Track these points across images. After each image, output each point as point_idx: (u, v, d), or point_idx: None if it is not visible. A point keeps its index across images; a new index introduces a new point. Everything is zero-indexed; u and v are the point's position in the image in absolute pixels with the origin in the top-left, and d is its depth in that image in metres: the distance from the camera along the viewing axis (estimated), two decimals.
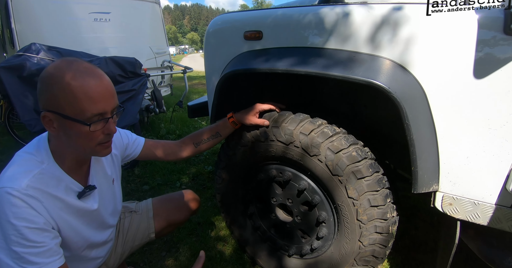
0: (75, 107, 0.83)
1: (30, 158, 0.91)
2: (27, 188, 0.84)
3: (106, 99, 0.87)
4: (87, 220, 1.05)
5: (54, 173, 0.92)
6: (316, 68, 1.08)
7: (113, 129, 0.92)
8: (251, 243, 1.63)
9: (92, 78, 0.85)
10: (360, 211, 1.13)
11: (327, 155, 1.13)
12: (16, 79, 2.77)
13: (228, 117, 1.37)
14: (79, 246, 1.04)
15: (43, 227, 0.86)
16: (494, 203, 1.04)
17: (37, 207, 0.85)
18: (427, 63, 0.99)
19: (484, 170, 1.02)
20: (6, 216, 0.80)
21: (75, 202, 0.98)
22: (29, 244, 0.82)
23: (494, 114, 0.96)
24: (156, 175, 2.84)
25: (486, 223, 1.07)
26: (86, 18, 4.43)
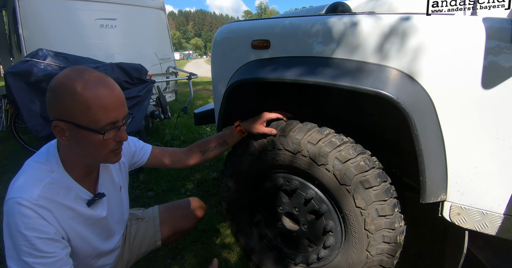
0: (89, 117, 0.84)
1: (40, 167, 0.91)
2: (38, 198, 0.84)
3: (118, 108, 0.88)
4: (96, 228, 1.05)
5: (64, 181, 0.93)
6: (325, 78, 1.08)
7: (125, 136, 0.93)
8: (257, 251, 1.62)
9: (104, 88, 0.86)
10: (368, 220, 1.13)
11: (335, 164, 1.13)
12: (23, 84, 2.79)
13: (235, 126, 1.37)
14: (87, 255, 1.04)
15: (54, 237, 0.86)
16: (502, 213, 1.03)
17: (48, 217, 0.86)
18: (435, 73, 0.99)
19: (492, 180, 1.01)
20: (17, 227, 0.81)
21: (84, 210, 0.99)
22: (40, 255, 0.83)
23: (502, 124, 0.95)
24: (161, 181, 2.85)
25: (495, 233, 1.06)
26: (92, 25, 4.48)
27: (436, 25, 0.98)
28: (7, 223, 0.83)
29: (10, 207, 0.82)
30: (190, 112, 5.12)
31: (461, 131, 1.01)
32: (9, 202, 0.83)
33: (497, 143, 0.98)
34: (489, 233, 1.07)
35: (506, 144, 0.97)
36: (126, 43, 4.81)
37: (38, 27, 4.14)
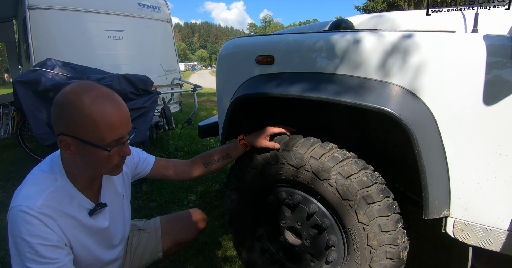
0: (95, 134, 0.85)
1: (44, 176, 0.94)
2: (41, 206, 0.86)
3: (124, 125, 0.90)
4: (97, 238, 1.06)
5: (67, 190, 0.95)
6: (328, 94, 1.10)
7: (128, 151, 0.96)
8: (259, 265, 1.61)
9: (111, 105, 0.87)
10: (371, 236, 1.13)
11: (338, 179, 1.13)
12: (31, 93, 2.83)
13: (239, 140, 1.39)
14: (88, 264, 1.04)
15: (57, 244, 0.88)
16: (506, 229, 1.02)
17: (51, 225, 0.87)
18: (437, 90, 1.00)
19: (495, 196, 1.02)
20: (21, 234, 0.82)
21: (87, 219, 1.00)
22: (44, 261, 0.84)
23: (504, 141, 0.96)
24: (163, 192, 2.85)
25: (499, 250, 1.05)
26: (100, 36, 4.56)
27: (438, 42, 1.00)
28: (12, 230, 0.85)
29: (15, 214, 0.84)
30: (194, 124, 5.16)
31: (464, 148, 1.02)
32: (13, 210, 0.85)
33: (500, 158, 0.98)
34: (493, 249, 1.06)
35: (509, 160, 0.97)
36: (132, 54, 4.89)
37: (47, 37, 4.23)
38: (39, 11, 4.14)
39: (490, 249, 1.06)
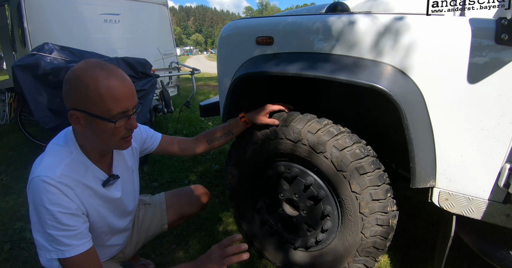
0: (102, 107, 0.91)
1: (60, 149, 1.00)
2: (60, 176, 0.93)
3: (129, 98, 0.95)
4: (111, 207, 1.14)
5: (82, 162, 1.02)
6: (324, 72, 1.17)
7: (135, 124, 1.00)
8: (259, 237, 1.72)
9: (116, 79, 0.92)
10: (363, 204, 1.22)
11: (333, 152, 1.22)
12: (31, 77, 2.85)
13: (240, 117, 1.47)
14: (102, 231, 1.13)
15: (75, 213, 0.94)
16: (487, 199, 1.11)
17: (70, 194, 0.94)
18: (425, 69, 1.08)
19: (477, 168, 1.10)
20: (42, 202, 0.89)
21: (101, 189, 1.08)
22: (63, 228, 0.91)
23: (486, 116, 1.04)
24: (164, 173, 2.94)
25: (480, 217, 1.14)
26: (96, 19, 4.53)
27: (427, 25, 1.07)
28: (33, 199, 0.91)
29: (36, 184, 0.91)
30: (193, 107, 5.21)
31: (449, 122, 1.09)
32: (34, 180, 0.91)
33: (482, 133, 1.06)
34: (474, 217, 1.15)
35: (490, 134, 1.05)
36: (129, 38, 4.87)
37: (42, 22, 4.19)
38: None
39: (472, 217, 1.16)
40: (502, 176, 1.06)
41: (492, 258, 1.19)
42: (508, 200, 1.08)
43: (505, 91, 0.99)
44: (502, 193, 1.08)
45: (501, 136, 1.03)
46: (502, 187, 1.06)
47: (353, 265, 1.39)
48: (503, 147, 1.04)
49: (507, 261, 1.17)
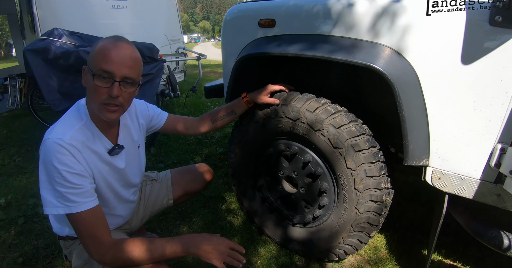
0: (93, 61, 1.00)
1: (72, 115, 1.10)
2: (70, 139, 1.01)
3: (118, 64, 0.99)
4: (115, 175, 1.22)
5: (91, 129, 1.10)
6: (322, 52, 1.22)
7: (115, 92, 1.00)
8: (259, 214, 1.80)
9: (114, 44, 1.01)
10: (357, 180, 1.28)
11: (329, 129, 1.28)
12: (41, 61, 2.92)
13: (242, 97, 1.52)
14: (108, 197, 1.21)
15: (81, 173, 1.02)
16: (479, 178, 1.14)
17: (77, 156, 1.02)
18: (420, 50, 1.11)
19: (470, 147, 1.13)
20: (52, 161, 0.97)
21: (107, 156, 1.16)
22: (70, 185, 0.99)
23: (479, 97, 1.07)
24: (170, 155, 3.03)
25: (472, 197, 1.18)
26: (104, 5, 4.57)
27: (423, 7, 1.09)
28: (44, 159, 0.99)
29: (47, 145, 0.99)
30: (199, 92, 5.27)
31: (443, 103, 1.13)
32: (46, 141, 1.00)
33: (474, 113, 1.10)
34: (466, 196, 1.19)
35: (482, 115, 1.08)
36: (136, 24, 4.90)
37: (52, 7, 4.25)
38: None
39: (464, 196, 1.19)
40: (493, 156, 1.09)
41: (482, 237, 1.24)
42: (499, 180, 1.11)
43: (498, 73, 1.02)
44: (494, 173, 1.11)
45: (493, 116, 1.06)
46: (493, 167, 1.09)
47: (348, 240, 1.45)
48: (495, 128, 1.07)
49: (497, 240, 1.21)
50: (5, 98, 6.13)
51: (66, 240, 1.26)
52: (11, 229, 2.01)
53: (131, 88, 1.06)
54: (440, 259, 1.74)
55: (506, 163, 1.05)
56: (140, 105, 1.39)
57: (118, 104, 1.05)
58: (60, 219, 1.22)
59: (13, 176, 2.78)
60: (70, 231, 1.21)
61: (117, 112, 1.07)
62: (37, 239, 1.91)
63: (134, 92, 1.09)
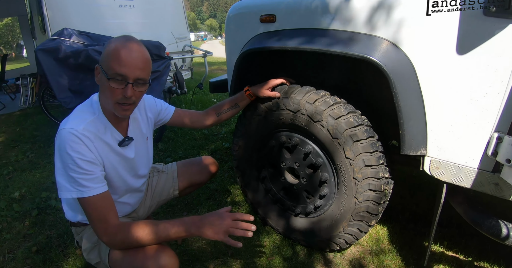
0: (107, 64, 1.06)
1: (86, 109, 1.18)
2: (83, 130, 1.09)
3: (131, 67, 1.06)
4: (125, 165, 1.29)
5: (102, 122, 1.17)
6: (320, 45, 1.26)
7: (129, 93, 1.08)
8: (263, 205, 1.85)
9: (127, 47, 1.07)
10: (356, 170, 1.32)
11: (328, 120, 1.32)
12: (52, 60, 3.02)
13: (245, 90, 1.57)
14: (118, 186, 1.28)
15: (92, 161, 1.10)
16: (476, 167, 1.16)
17: (89, 145, 1.10)
18: (416, 42, 1.14)
19: (467, 137, 1.15)
20: (66, 149, 1.05)
21: (117, 148, 1.23)
22: (82, 171, 1.07)
23: (475, 87, 1.08)
24: (178, 150, 3.11)
25: (470, 186, 1.19)
26: (112, 5, 4.66)
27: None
28: (59, 147, 1.07)
29: (62, 134, 1.07)
30: (205, 89, 5.33)
31: (439, 93, 1.15)
32: (61, 131, 1.08)
33: (471, 103, 1.11)
34: (464, 185, 1.20)
35: (478, 104, 1.10)
36: (143, 22, 4.98)
37: (61, 8, 4.36)
38: None
39: (462, 186, 1.21)
40: (490, 145, 1.10)
41: (481, 226, 1.26)
42: (497, 169, 1.12)
43: (493, 62, 1.03)
44: (491, 162, 1.12)
45: (489, 105, 1.07)
46: (490, 156, 1.10)
47: (348, 229, 1.49)
48: (491, 117, 1.08)
49: (495, 229, 1.23)
50: (17, 97, 6.32)
51: (77, 226, 1.34)
52: (26, 221, 2.10)
53: (143, 87, 1.13)
54: (442, 251, 1.76)
55: (502, 152, 1.06)
56: (149, 100, 1.46)
57: (131, 103, 1.13)
58: (72, 206, 1.29)
59: (27, 171, 2.88)
60: (82, 218, 1.29)
61: (130, 110, 1.16)
62: (50, 229, 2.00)
63: (145, 91, 1.17)
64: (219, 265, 1.65)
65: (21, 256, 1.77)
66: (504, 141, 1.06)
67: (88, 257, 1.30)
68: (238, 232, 1.09)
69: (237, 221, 1.11)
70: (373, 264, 1.65)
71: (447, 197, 1.36)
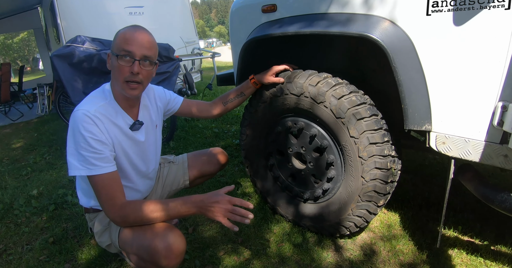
0: (115, 45, 1.16)
1: (98, 95, 1.25)
2: (95, 111, 1.16)
3: (137, 45, 1.15)
4: (134, 149, 1.34)
5: (114, 106, 1.24)
6: (319, 28, 1.30)
7: (136, 70, 1.16)
8: (272, 193, 1.87)
9: (133, 29, 1.17)
10: (361, 148, 1.33)
11: (331, 101, 1.34)
12: (67, 65, 3.15)
13: (250, 79, 1.61)
14: (126, 168, 1.33)
15: (102, 140, 1.16)
16: (483, 140, 1.14)
17: (100, 126, 1.17)
18: (412, 17, 1.16)
19: (471, 108, 1.14)
20: (79, 128, 1.12)
21: (128, 131, 1.29)
22: (92, 150, 1.13)
23: (476, 56, 1.07)
24: (189, 147, 3.16)
25: (478, 160, 1.17)
26: (122, 13, 4.82)
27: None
28: (72, 126, 1.14)
29: (76, 115, 1.14)
30: (215, 91, 5.41)
31: (439, 65, 1.15)
32: (76, 112, 1.15)
33: (472, 73, 1.10)
34: (472, 159, 1.18)
35: (480, 74, 1.09)
36: (153, 28, 5.01)
37: (74, 18, 4.55)
38: None
39: (470, 160, 1.19)
40: (495, 115, 1.08)
41: (492, 201, 1.23)
42: (505, 140, 1.10)
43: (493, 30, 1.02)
44: (498, 133, 1.10)
45: (491, 75, 1.06)
46: (496, 126, 1.09)
47: (357, 211, 1.49)
48: (494, 86, 1.07)
49: (507, 203, 1.20)
50: (34, 106, 6.56)
51: (90, 212, 1.39)
52: (43, 215, 2.19)
53: (149, 66, 1.21)
54: (457, 235, 1.74)
55: (508, 120, 1.04)
56: (158, 90, 1.53)
57: (138, 81, 1.19)
58: (86, 191, 1.35)
59: (44, 171, 3.00)
60: (94, 203, 1.34)
61: (138, 89, 1.22)
62: (66, 222, 2.07)
63: (151, 71, 1.23)
64: (229, 252, 1.68)
65: (38, 247, 1.84)
66: (509, 109, 1.04)
67: (99, 240, 1.36)
68: (236, 218, 1.11)
69: (236, 207, 1.13)
70: (385, 249, 1.65)
71: (456, 176, 1.34)
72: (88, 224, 1.45)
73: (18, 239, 1.96)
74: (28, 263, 1.71)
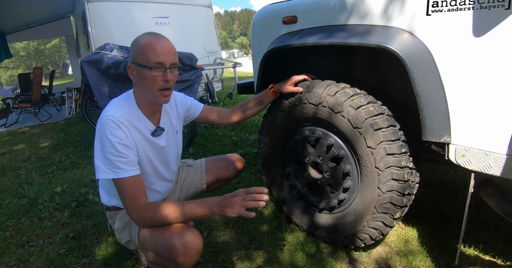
0: (144, 57, 1.19)
1: (121, 102, 1.30)
2: (120, 117, 1.22)
3: (165, 54, 1.20)
4: (156, 154, 1.39)
5: (136, 113, 1.30)
6: (338, 39, 1.33)
7: (169, 77, 1.22)
8: (287, 202, 1.88)
9: (157, 39, 1.21)
10: (378, 158, 1.33)
11: (349, 111, 1.35)
12: (95, 71, 3.32)
13: (270, 88, 1.65)
14: (148, 172, 1.38)
15: (128, 145, 1.22)
16: (505, 153, 1.10)
17: (125, 131, 1.22)
18: (431, 29, 1.16)
19: (492, 121, 1.11)
20: (105, 133, 1.18)
21: (150, 137, 1.34)
22: (118, 154, 1.18)
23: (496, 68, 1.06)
24: (207, 154, 3.22)
25: (500, 174, 1.12)
26: (149, 23, 5.05)
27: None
28: (99, 132, 1.20)
29: (102, 121, 1.20)
30: (235, 100, 5.49)
31: (459, 77, 1.14)
32: (102, 118, 1.22)
33: (493, 85, 1.08)
34: (493, 173, 1.14)
35: (500, 86, 1.07)
36: (178, 38, 5.30)
37: (104, 26, 4.81)
38: (96, 4, 4.74)
39: (491, 174, 1.15)
40: None
41: None
42: None
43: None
44: None
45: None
46: None
47: (372, 223, 1.48)
48: None
49: None
50: (62, 109, 6.87)
51: (111, 210, 1.45)
52: (65, 211, 2.30)
53: (176, 71, 1.27)
54: (477, 254, 1.68)
55: None
56: (180, 96, 1.58)
57: (170, 87, 1.26)
58: (109, 190, 1.41)
59: (68, 170, 3.14)
60: (116, 202, 1.40)
61: (169, 95, 1.29)
62: (87, 219, 2.16)
63: (177, 75, 1.30)
64: (242, 258, 1.69)
65: (59, 241, 1.93)
66: None
67: (119, 236, 1.41)
68: (251, 204, 1.13)
69: (251, 194, 1.16)
70: (401, 265, 1.61)
71: (477, 190, 1.30)
72: (108, 222, 1.51)
73: (40, 232, 2.06)
74: (48, 255, 1.80)
